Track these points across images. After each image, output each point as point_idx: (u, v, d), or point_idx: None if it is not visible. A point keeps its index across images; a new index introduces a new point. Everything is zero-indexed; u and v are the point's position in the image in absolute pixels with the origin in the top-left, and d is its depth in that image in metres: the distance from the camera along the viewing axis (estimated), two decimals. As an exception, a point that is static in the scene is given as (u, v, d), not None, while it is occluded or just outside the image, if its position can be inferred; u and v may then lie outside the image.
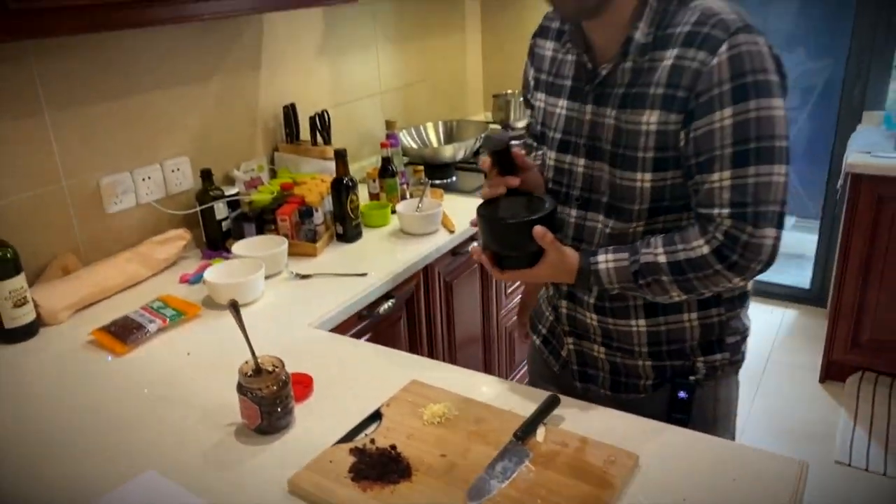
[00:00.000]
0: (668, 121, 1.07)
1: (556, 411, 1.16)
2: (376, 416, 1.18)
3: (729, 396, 1.30)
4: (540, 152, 1.30)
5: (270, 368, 1.17)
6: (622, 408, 1.18)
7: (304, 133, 2.28)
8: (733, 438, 1.34)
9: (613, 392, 1.30)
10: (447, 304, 2.09)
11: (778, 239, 1.05)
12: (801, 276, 3.70)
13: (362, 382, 1.30)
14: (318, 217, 1.92)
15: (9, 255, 1.47)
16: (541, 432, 1.10)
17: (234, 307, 1.18)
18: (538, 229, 1.11)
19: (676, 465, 1.04)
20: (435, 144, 2.70)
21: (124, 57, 1.77)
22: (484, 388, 1.27)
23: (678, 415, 1.23)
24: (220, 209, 1.92)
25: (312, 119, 2.23)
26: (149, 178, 1.86)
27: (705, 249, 1.07)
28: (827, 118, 3.82)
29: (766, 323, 3.40)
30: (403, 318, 1.92)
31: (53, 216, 1.68)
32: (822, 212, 3.36)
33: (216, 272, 1.66)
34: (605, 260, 1.14)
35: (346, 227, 1.97)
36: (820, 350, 2.90)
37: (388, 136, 2.26)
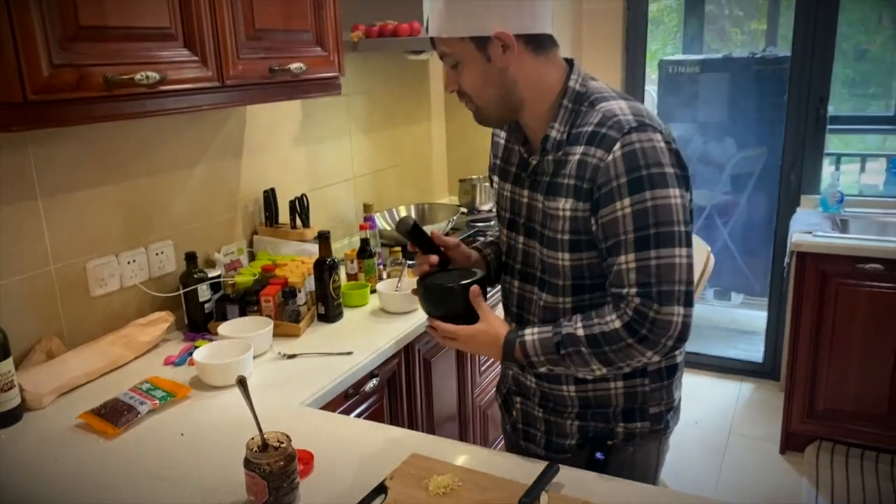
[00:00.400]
0: (577, 208, 1.21)
1: (557, 479, 1.20)
2: (381, 490, 1.20)
3: (647, 463, 1.38)
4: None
5: (276, 444, 1.19)
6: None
7: (283, 216, 2.34)
8: None
9: (546, 451, 1.41)
10: (426, 381, 2.12)
11: (687, 316, 1.15)
12: (751, 350, 3.86)
13: (362, 457, 1.32)
14: (301, 297, 1.96)
15: (-1, 339, 1.46)
16: (544, 499, 1.15)
17: (243, 384, 1.21)
18: (474, 289, 1.28)
19: (675, 525, 1.10)
20: (407, 227, 2.79)
21: (116, 144, 1.83)
22: (482, 459, 1.30)
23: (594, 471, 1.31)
24: (204, 291, 1.94)
25: (292, 203, 2.30)
26: (134, 261, 1.89)
27: (617, 324, 1.17)
28: (764, 202, 4.09)
29: (723, 397, 3.52)
30: (385, 395, 1.95)
31: (40, 299, 1.69)
32: (770, 289, 3.55)
33: (204, 353, 1.68)
34: (531, 332, 1.25)
35: (328, 307, 2.01)
36: (777, 421, 3.01)
37: (365, 219, 2.34)
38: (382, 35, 2.42)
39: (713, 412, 3.35)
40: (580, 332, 1.20)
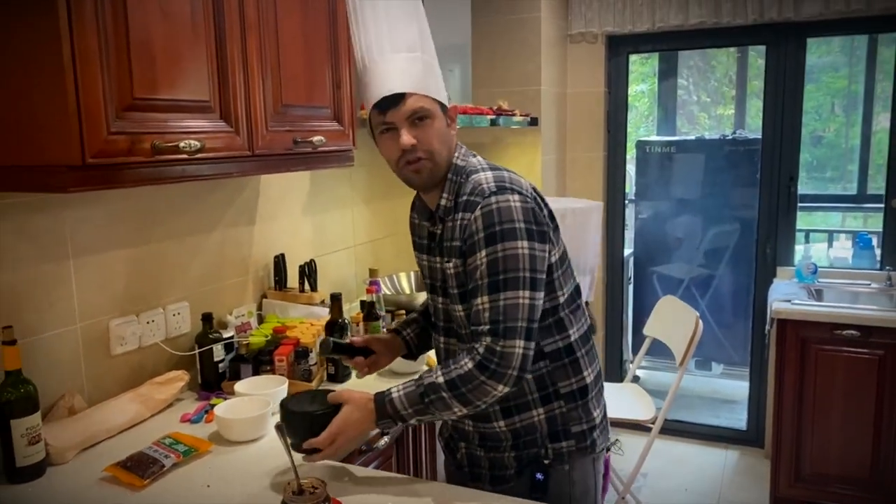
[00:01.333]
0: (458, 265, 1.42)
1: (577, 522, 1.27)
2: (411, 534, 1.26)
3: (585, 479, 1.53)
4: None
5: (311, 489, 1.24)
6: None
7: (291, 281, 2.42)
8: None
9: (491, 485, 1.53)
10: (431, 442, 2.17)
11: (526, 349, 1.34)
12: (734, 419, 3.95)
13: (388, 506, 1.37)
14: (313, 357, 2.03)
15: (32, 392, 1.51)
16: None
17: (280, 430, 1.27)
18: (332, 395, 1.45)
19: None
20: (408, 292, 2.88)
21: (142, 209, 1.92)
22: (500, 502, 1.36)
23: (536, 494, 1.47)
24: (218, 351, 2.00)
25: (302, 267, 2.39)
26: (153, 321, 1.95)
27: (470, 365, 1.34)
28: (739, 275, 4.27)
29: (710, 464, 3.58)
30: (393, 455, 1.99)
31: (65, 356, 1.73)
32: (751, 357, 3.68)
33: (224, 409, 1.72)
34: (397, 389, 1.40)
35: (338, 367, 2.07)
36: (764, 487, 3.08)
37: (371, 283, 2.43)
38: (389, 112, 2.57)
39: (701, 479, 3.41)
40: (440, 379, 1.35)
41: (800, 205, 3.57)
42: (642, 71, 5.98)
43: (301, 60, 1.91)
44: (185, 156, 1.52)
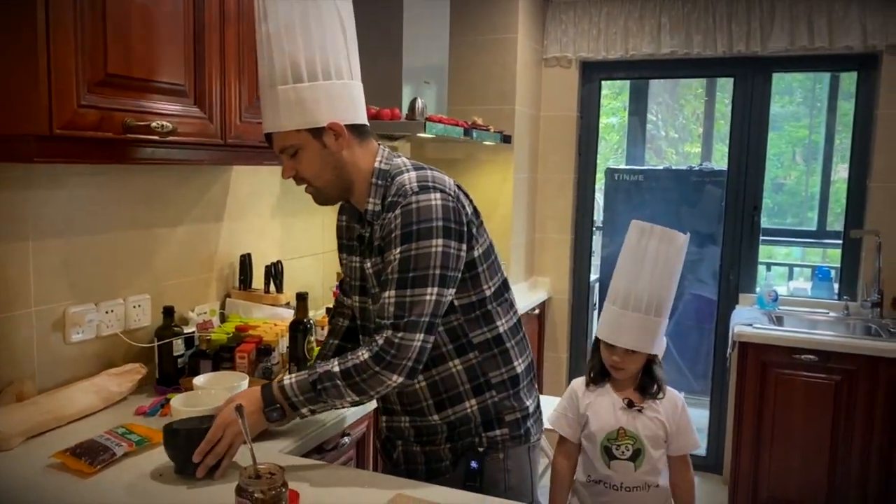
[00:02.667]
0: (377, 262, 1.47)
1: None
2: (369, 524, 1.23)
3: (520, 468, 1.56)
4: (348, 299, 1.70)
5: (269, 474, 1.21)
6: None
7: (257, 282, 2.39)
8: None
9: (427, 479, 1.53)
10: (392, 448, 2.14)
11: (425, 342, 1.38)
12: (695, 446, 3.96)
13: (346, 497, 1.35)
14: (275, 356, 1.99)
15: (-21, 372, 1.45)
16: (530, 531, 1.20)
17: (240, 411, 1.24)
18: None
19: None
20: (373, 302, 2.86)
21: (109, 196, 1.89)
22: (461, 500, 1.34)
23: (471, 483, 1.49)
24: (178, 345, 1.95)
25: (268, 268, 2.36)
26: (112, 311, 1.90)
27: (366, 355, 1.38)
28: (700, 305, 4.33)
29: (670, 489, 3.57)
30: (354, 457, 1.96)
31: (17, 340, 1.68)
32: (712, 382, 3.71)
33: (181, 401, 1.68)
34: (289, 377, 1.43)
35: (301, 367, 2.03)
36: (723, 509, 3.09)
37: (338, 286, 2.40)
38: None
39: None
40: (336, 368, 1.39)
41: (762, 238, 3.65)
42: (613, 105, 6.12)
43: (279, 55, 1.91)
44: (156, 137, 1.50)
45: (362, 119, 1.48)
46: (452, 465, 1.53)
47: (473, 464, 1.50)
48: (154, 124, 1.48)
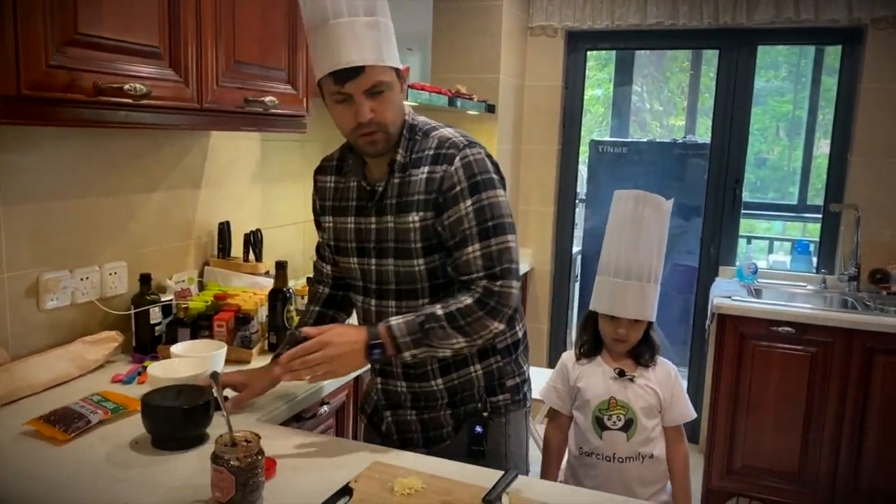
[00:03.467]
0: (426, 217, 1.42)
1: (515, 484, 1.26)
2: (346, 491, 1.23)
3: (518, 433, 1.58)
4: (327, 265, 1.72)
5: (245, 442, 1.20)
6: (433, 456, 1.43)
7: (235, 250, 2.36)
8: (527, 470, 1.64)
9: (426, 447, 1.55)
10: (372, 417, 2.14)
11: (518, 289, 1.41)
12: (673, 416, 4.01)
13: (324, 465, 1.34)
14: (254, 325, 1.98)
15: (-51, 338, 1.42)
16: (506, 499, 1.20)
17: (215, 378, 1.23)
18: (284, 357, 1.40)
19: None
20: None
21: (82, 161, 1.84)
22: (441, 468, 1.35)
23: (476, 447, 1.51)
24: (155, 313, 1.93)
25: (247, 236, 2.33)
26: (87, 278, 1.87)
27: (469, 300, 1.38)
28: (681, 277, 4.36)
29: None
30: (334, 426, 1.96)
31: (-11, 307, 1.65)
32: (691, 353, 3.75)
33: (158, 369, 1.66)
34: (396, 319, 1.40)
35: (280, 336, 2.02)
36: (698, 479, 3.13)
37: (316, 252, 2.38)
38: (345, 84, 2.54)
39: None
40: (439, 311, 1.38)
41: (744, 212, 3.67)
42: (598, 77, 6.08)
43: (257, 18, 1.87)
44: (129, 100, 1.46)
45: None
46: (454, 431, 1.53)
47: (478, 428, 1.51)
48: (127, 87, 1.44)
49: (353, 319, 1.71)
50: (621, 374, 1.88)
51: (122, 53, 1.48)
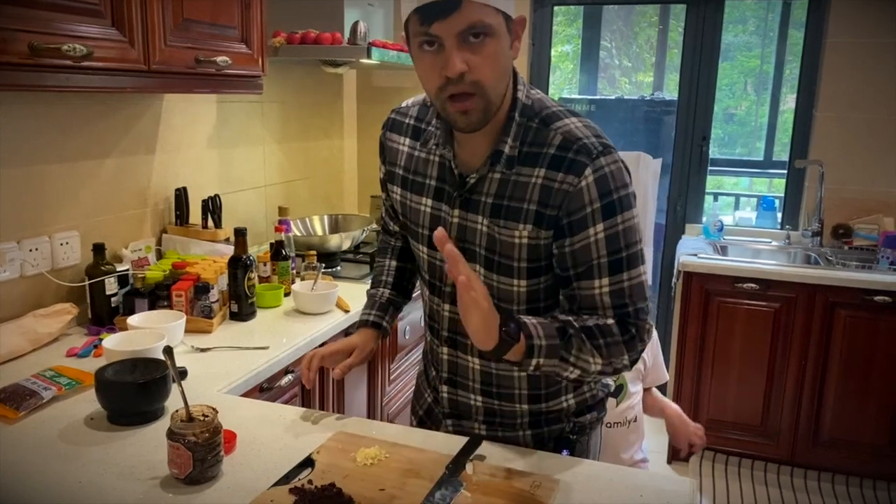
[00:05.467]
0: (538, 235, 1.15)
1: (479, 451, 1.25)
2: (308, 463, 1.21)
3: (596, 446, 1.42)
4: (395, 224, 1.47)
5: (202, 417, 1.17)
6: None
7: (194, 217, 2.30)
8: None
9: None
10: (338, 384, 2.12)
11: (651, 324, 1.20)
12: (640, 372, 4.07)
13: (285, 436, 1.32)
14: (214, 294, 1.93)
15: None
16: (469, 467, 1.19)
17: (169, 353, 1.19)
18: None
19: (592, 486, 1.17)
20: (320, 234, 2.80)
21: (27, 126, 1.76)
22: (405, 435, 1.33)
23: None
24: (111, 284, 1.87)
25: (205, 202, 2.27)
26: (36, 249, 1.80)
27: (610, 321, 1.15)
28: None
29: (615, 414, 3.68)
30: (299, 395, 1.94)
31: (-69, 282, 1.58)
32: (657, 310, 3.79)
33: (115, 341, 1.62)
34: (527, 318, 1.12)
35: (242, 305, 1.98)
36: (664, 434, 3.19)
37: (280, 222, 2.33)
38: (304, 43, 2.45)
39: (606, 428, 3.50)
40: (575, 322, 1.13)
41: (711, 168, 3.67)
42: (567, 32, 5.99)
43: (206, -27, 1.78)
44: (69, 62, 1.39)
45: None
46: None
47: (565, 452, 1.30)
48: (66, 47, 1.36)
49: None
50: None
51: (60, 11, 1.40)
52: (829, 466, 2.99)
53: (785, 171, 3.55)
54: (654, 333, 1.92)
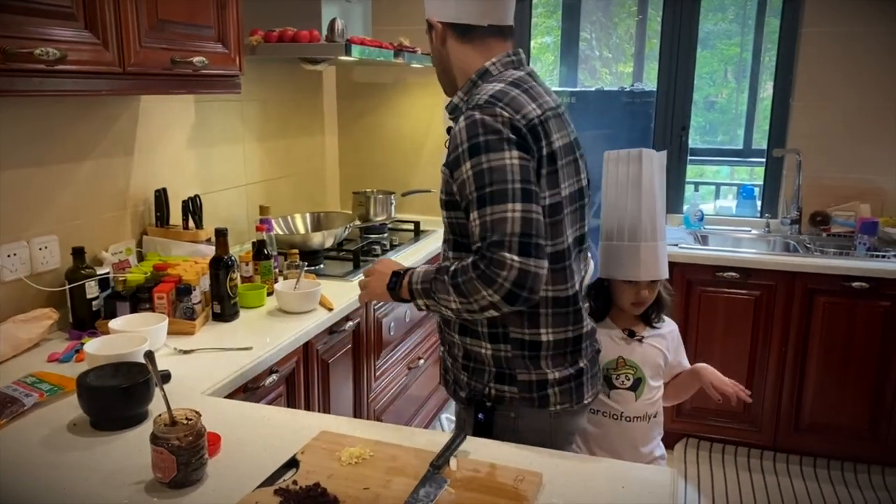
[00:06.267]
0: (447, 173, 1.40)
1: (463, 446, 1.26)
2: (293, 464, 1.21)
3: (537, 434, 1.44)
4: None
5: (185, 420, 1.17)
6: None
7: (174, 218, 2.29)
8: None
9: (455, 400, 1.61)
10: (324, 381, 2.13)
11: (523, 264, 1.26)
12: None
13: (270, 438, 1.32)
14: (196, 295, 1.93)
15: None
16: (453, 462, 1.20)
17: (150, 358, 1.19)
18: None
19: (574, 479, 1.19)
20: (303, 232, 2.79)
21: (2, 130, 1.74)
22: (390, 434, 1.34)
23: (478, 436, 1.37)
24: (92, 288, 1.86)
25: (185, 203, 2.25)
26: (14, 254, 1.79)
27: (468, 260, 1.32)
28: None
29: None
30: (284, 393, 1.94)
31: None
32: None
33: (96, 346, 1.61)
34: (421, 267, 1.45)
35: (224, 306, 1.98)
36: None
37: (262, 220, 2.32)
38: (282, 41, 2.44)
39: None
40: (450, 266, 1.36)
41: (691, 157, 3.70)
42: (547, 24, 6.00)
43: (180, -27, 1.77)
44: (42, 66, 1.37)
45: (466, 19, 1.44)
46: (468, 402, 1.52)
47: (480, 416, 1.47)
48: (38, 51, 1.34)
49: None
50: (631, 334, 1.84)
51: (32, 15, 1.38)
52: (810, 451, 3.04)
53: (763, 160, 3.59)
54: (674, 328, 1.90)
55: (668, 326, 1.91)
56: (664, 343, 1.86)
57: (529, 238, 1.27)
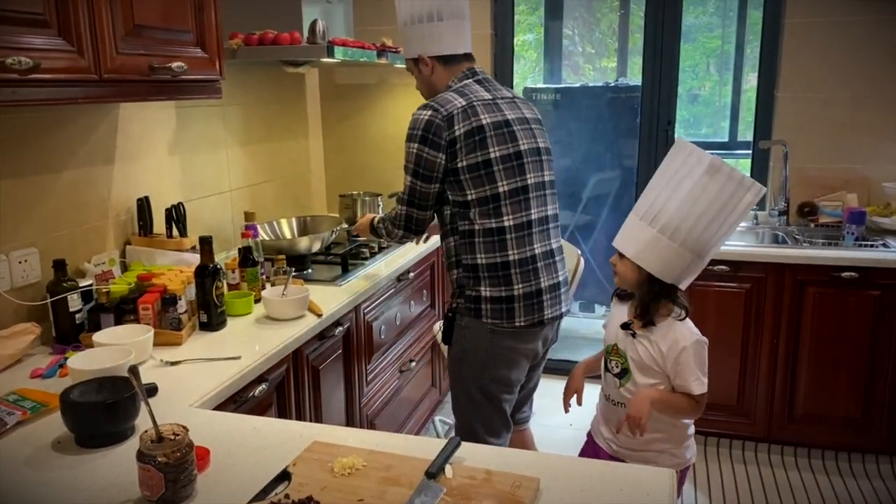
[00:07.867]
0: None
1: (458, 453, 1.24)
2: (285, 476, 1.19)
3: (475, 339, 1.96)
4: None
5: (172, 436, 1.14)
6: None
7: (158, 227, 2.25)
8: (479, 385, 2.00)
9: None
10: (315, 388, 2.10)
11: (408, 213, 2.00)
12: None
13: (261, 450, 1.30)
14: (182, 305, 1.89)
15: None
16: (449, 470, 1.18)
17: (134, 373, 1.16)
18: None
19: (571, 484, 1.17)
20: (289, 237, 2.76)
21: (-27, 142, 1.70)
22: (383, 441, 1.32)
23: (445, 334, 2.03)
24: (74, 301, 1.83)
25: (168, 211, 2.22)
26: (-7, 269, 1.75)
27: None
28: (621, 221, 4.40)
29: (594, 401, 3.69)
30: (275, 402, 1.91)
31: None
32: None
33: (81, 361, 1.57)
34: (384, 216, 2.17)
35: (211, 314, 1.95)
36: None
37: (247, 227, 2.29)
38: (263, 44, 2.41)
39: (584, 415, 3.49)
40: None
41: (677, 151, 3.68)
42: (530, 21, 5.98)
43: (155, -23, 1.73)
44: (14, 75, 1.34)
45: (449, 50, 1.99)
46: (450, 314, 2.04)
47: (444, 320, 2.05)
48: (10, 60, 1.31)
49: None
50: (625, 326, 1.84)
51: (3, 24, 1.35)
52: (805, 441, 3.04)
53: (750, 152, 3.59)
54: (688, 342, 1.79)
55: (675, 335, 1.80)
56: (653, 348, 1.80)
57: (413, 197, 1.97)
